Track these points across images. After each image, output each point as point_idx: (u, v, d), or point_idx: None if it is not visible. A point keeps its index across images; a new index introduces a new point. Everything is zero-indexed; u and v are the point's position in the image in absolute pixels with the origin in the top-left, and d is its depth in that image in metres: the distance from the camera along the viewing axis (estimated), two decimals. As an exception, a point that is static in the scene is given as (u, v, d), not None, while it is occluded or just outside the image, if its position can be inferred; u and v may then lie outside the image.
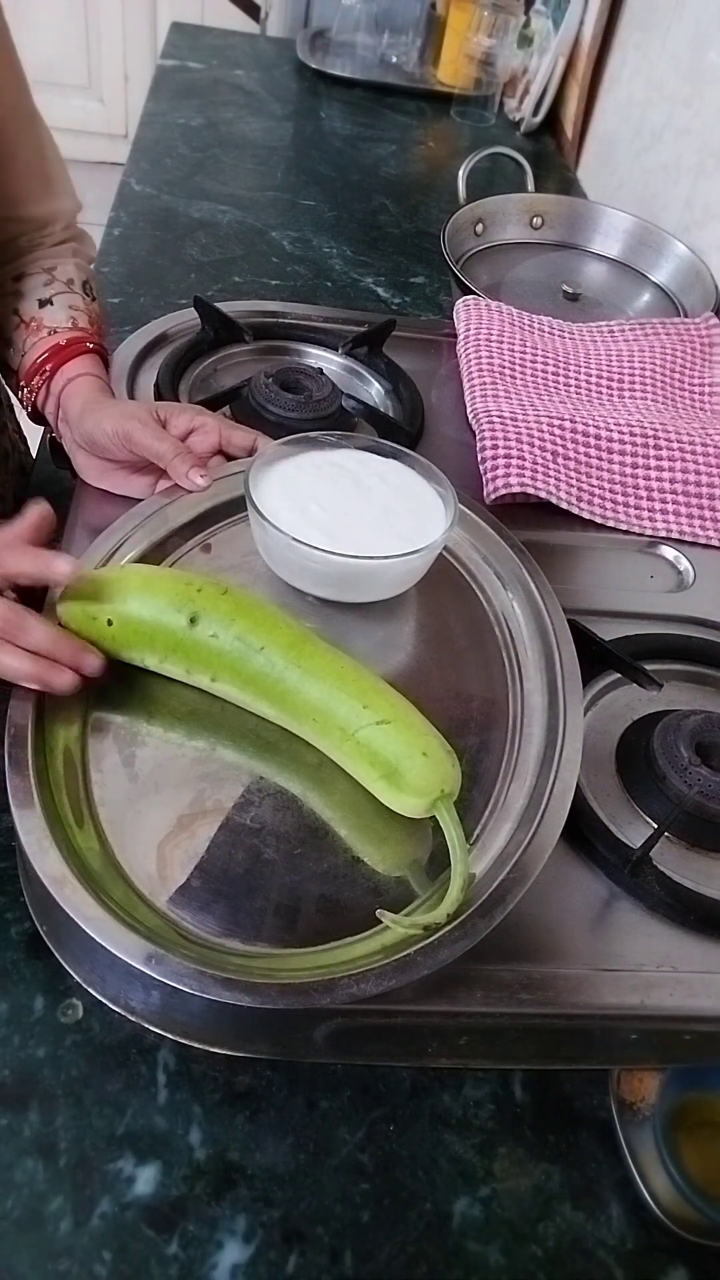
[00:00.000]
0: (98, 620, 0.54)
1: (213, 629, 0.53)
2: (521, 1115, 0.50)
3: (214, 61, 1.57)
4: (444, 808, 0.49)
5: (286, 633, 0.53)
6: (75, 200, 0.80)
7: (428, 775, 0.49)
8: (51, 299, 0.75)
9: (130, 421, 0.65)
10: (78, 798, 0.51)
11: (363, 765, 0.51)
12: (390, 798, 0.51)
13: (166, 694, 0.56)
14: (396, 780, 0.49)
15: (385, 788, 0.50)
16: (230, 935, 0.47)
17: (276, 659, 0.52)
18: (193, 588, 0.54)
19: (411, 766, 0.49)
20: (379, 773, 0.50)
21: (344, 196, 1.28)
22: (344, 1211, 0.46)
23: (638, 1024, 0.50)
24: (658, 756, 0.58)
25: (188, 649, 0.53)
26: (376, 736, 0.50)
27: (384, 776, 0.50)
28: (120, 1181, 0.45)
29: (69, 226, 0.80)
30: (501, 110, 1.57)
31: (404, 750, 0.50)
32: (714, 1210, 0.46)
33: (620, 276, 1.14)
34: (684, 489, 0.81)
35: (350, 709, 0.51)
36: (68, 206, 0.79)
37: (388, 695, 0.52)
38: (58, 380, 0.72)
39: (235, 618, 0.53)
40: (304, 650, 0.52)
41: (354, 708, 0.51)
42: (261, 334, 0.87)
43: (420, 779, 0.49)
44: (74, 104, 2.71)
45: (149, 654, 0.54)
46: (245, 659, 0.52)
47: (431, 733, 0.51)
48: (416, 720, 0.51)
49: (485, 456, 0.79)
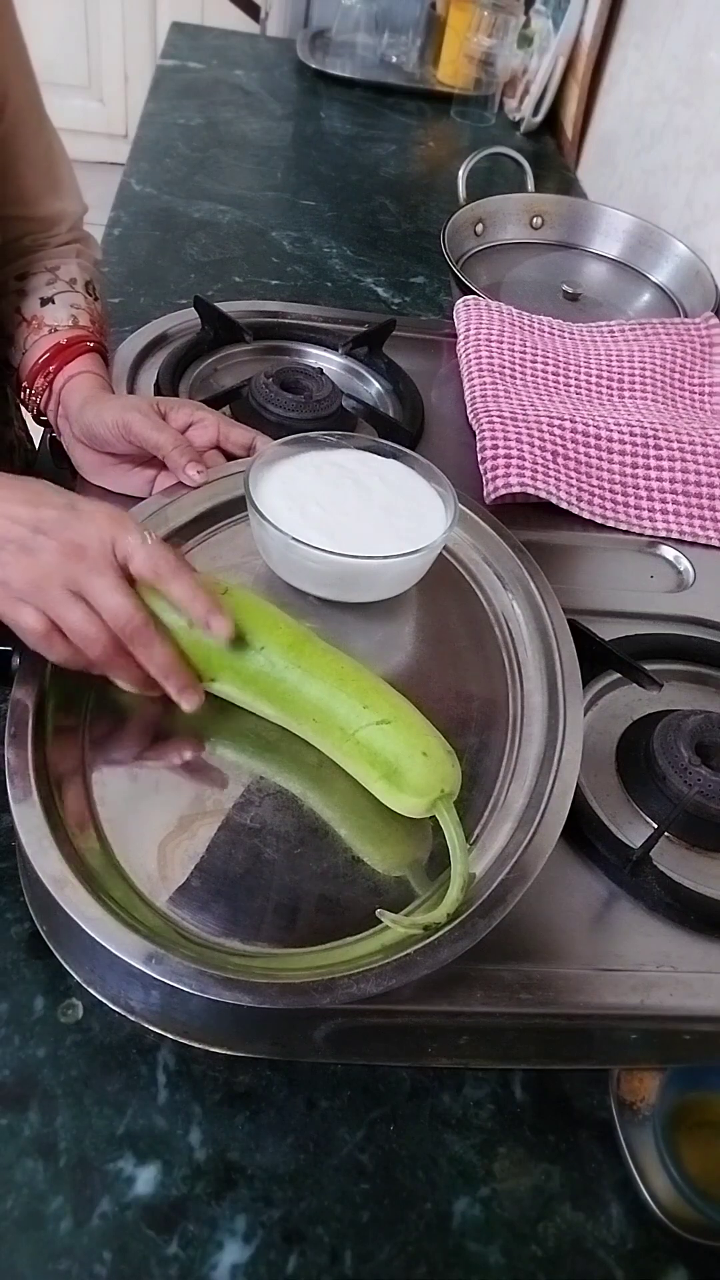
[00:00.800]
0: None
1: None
2: (521, 1115, 0.50)
3: (214, 61, 1.57)
4: (444, 808, 0.49)
5: (286, 632, 0.53)
6: (81, 202, 0.80)
7: (427, 775, 0.49)
8: (53, 298, 0.75)
9: (130, 413, 0.65)
10: (78, 797, 0.51)
11: (362, 765, 0.51)
12: (390, 798, 0.51)
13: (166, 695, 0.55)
14: (396, 780, 0.50)
15: (385, 788, 0.50)
16: (230, 935, 0.47)
17: (276, 659, 0.52)
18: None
19: (411, 766, 0.49)
20: (379, 773, 0.50)
21: (344, 196, 1.28)
22: (344, 1211, 0.46)
23: (638, 1024, 0.50)
24: (658, 756, 0.58)
25: (189, 648, 0.53)
26: (376, 736, 0.50)
27: (384, 776, 0.50)
28: (120, 1181, 0.45)
29: (74, 228, 0.80)
30: (501, 110, 1.57)
31: (404, 750, 0.50)
32: (714, 1210, 0.46)
33: (620, 276, 1.14)
34: (684, 489, 0.81)
35: (350, 709, 0.51)
36: (74, 208, 0.79)
37: (388, 695, 0.52)
38: (59, 379, 0.72)
39: (235, 617, 0.53)
40: (304, 650, 0.53)
41: (354, 707, 0.51)
42: (261, 334, 0.87)
43: (420, 779, 0.49)
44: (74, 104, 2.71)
45: None
46: (245, 659, 0.52)
47: (432, 732, 0.51)
48: (417, 720, 0.51)
49: (485, 456, 0.79)
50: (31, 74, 0.73)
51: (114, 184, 1.21)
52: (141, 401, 0.67)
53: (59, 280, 0.77)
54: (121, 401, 0.68)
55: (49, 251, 0.78)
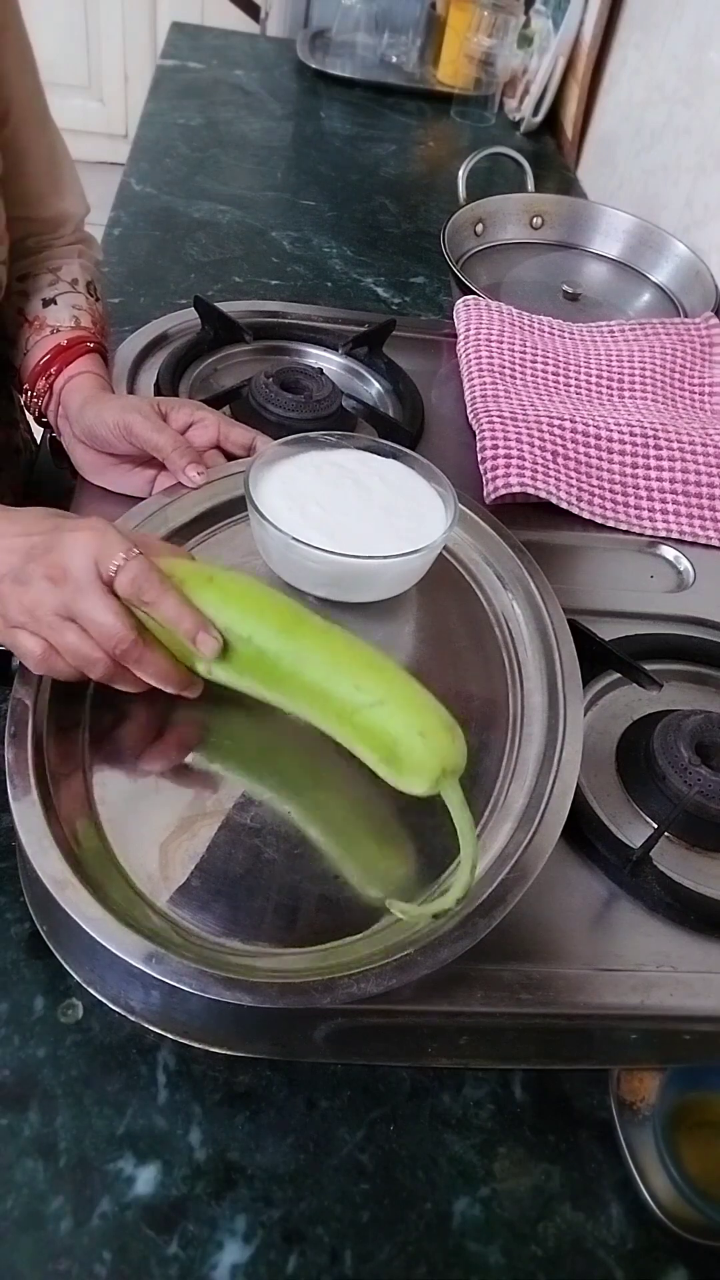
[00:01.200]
0: None
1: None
2: (521, 1115, 0.50)
3: (214, 61, 1.57)
4: (448, 786, 0.48)
5: (275, 617, 0.52)
6: (84, 204, 0.80)
7: (426, 755, 0.48)
8: (55, 299, 0.76)
9: (131, 414, 0.65)
10: (78, 797, 0.51)
11: (364, 748, 0.50)
12: (395, 780, 0.49)
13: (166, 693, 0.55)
14: (396, 764, 0.49)
15: (388, 771, 0.49)
16: (230, 935, 0.47)
17: (267, 646, 0.51)
18: (174, 579, 0.52)
19: (410, 748, 0.48)
20: (379, 756, 0.49)
21: (344, 196, 1.28)
22: (344, 1211, 0.46)
23: (638, 1024, 0.50)
24: (658, 756, 0.58)
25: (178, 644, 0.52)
26: (373, 719, 0.49)
27: (384, 760, 0.49)
28: (120, 1181, 0.45)
29: (77, 229, 0.80)
30: (501, 110, 1.57)
31: (401, 731, 0.48)
32: (714, 1210, 0.46)
33: (620, 276, 1.14)
34: (684, 489, 0.81)
35: (345, 692, 0.49)
36: (77, 210, 0.79)
37: (382, 672, 0.51)
38: (60, 380, 0.72)
39: (222, 607, 0.52)
40: (294, 633, 0.51)
41: (348, 690, 0.49)
42: (261, 334, 0.87)
43: (419, 759, 0.48)
44: (74, 104, 2.71)
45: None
46: (234, 649, 0.51)
47: (431, 708, 0.49)
48: (414, 696, 0.50)
49: (485, 456, 0.79)
50: (36, 76, 0.73)
51: (114, 184, 1.21)
52: (142, 402, 0.67)
53: (61, 281, 0.77)
54: (122, 402, 0.68)
55: (52, 252, 0.78)
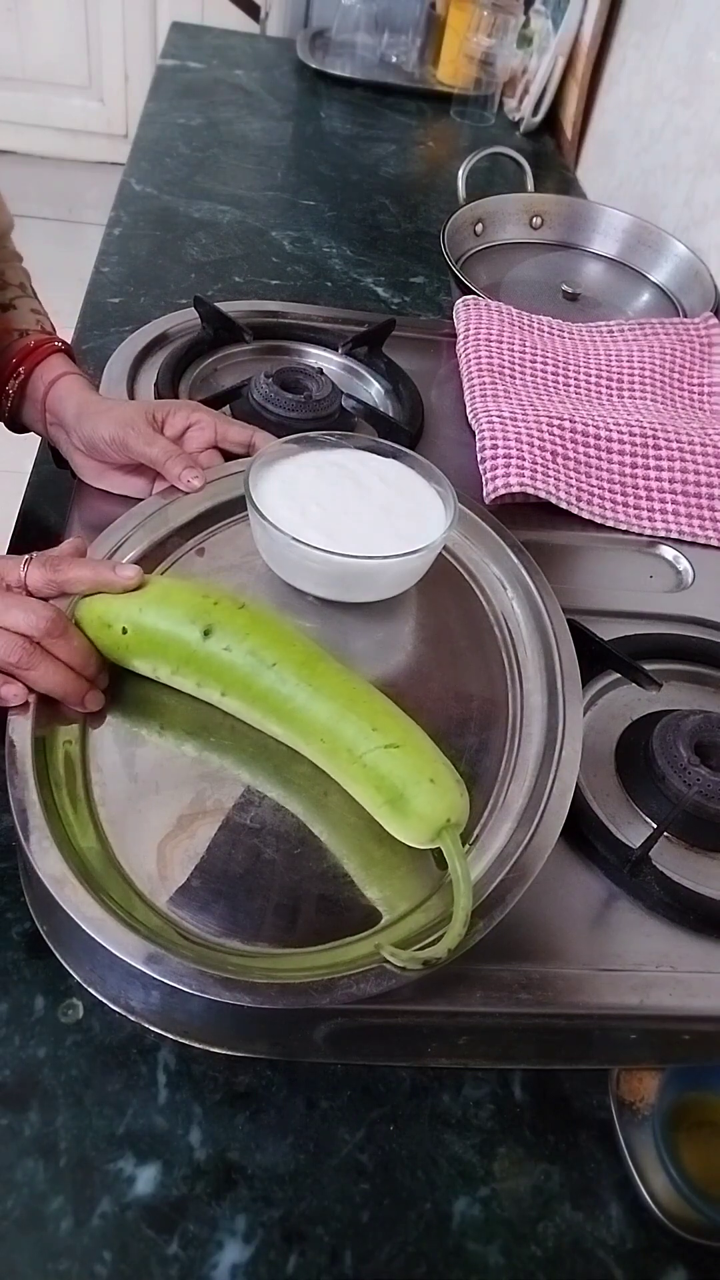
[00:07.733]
0: (113, 628, 0.54)
1: (226, 642, 0.52)
2: (521, 1115, 0.50)
3: (214, 61, 1.57)
4: (449, 838, 0.47)
5: (300, 650, 0.52)
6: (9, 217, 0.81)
7: (434, 802, 0.47)
8: (13, 303, 0.76)
9: (125, 429, 0.65)
10: (78, 798, 0.51)
11: (368, 789, 0.49)
12: (395, 824, 0.49)
13: (166, 693, 0.55)
14: (401, 806, 0.48)
15: (390, 814, 0.49)
16: (230, 935, 0.47)
17: (288, 675, 0.51)
18: (209, 600, 0.53)
19: (418, 793, 0.48)
20: (384, 798, 0.49)
21: (344, 196, 1.28)
22: (344, 1211, 0.46)
23: (637, 1024, 0.50)
24: (657, 756, 0.58)
25: (200, 661, 0.52)
26: (384, 760, 0.49)
27: (389, 802, 0.48)
28: (120, 1181, 0.45)
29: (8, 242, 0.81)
30: (501, 110, 1.57)
31: (411, 775, 0.48)
32: (714, 1210, 0.46)
33: (620, 276, 1.14)
34: (684, 489, 0.81)
35: (359, 730, 0.49)
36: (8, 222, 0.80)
37: (399, 719, 0.51)
38: (35, 384, 0.72)
39: (249, 632, 0.52)
40: (316, 669, 0.51)
41: (363, 729, 0.49)
42: (261, 334, 0.87)
43: (426, 806, 0.48)
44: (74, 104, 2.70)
45: (162, 664, 0.54)
46: (256, 674, 0.51)
47: (442, 760, 0.50)
48: (427, 746, 0.50)
49: (485, 456, 0.79)
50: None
51: (114, 184, 1.21)
52: (136, 413, 0.67)
53: (10, 285, 0.77)
54: (117, 416, 0.67)
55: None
